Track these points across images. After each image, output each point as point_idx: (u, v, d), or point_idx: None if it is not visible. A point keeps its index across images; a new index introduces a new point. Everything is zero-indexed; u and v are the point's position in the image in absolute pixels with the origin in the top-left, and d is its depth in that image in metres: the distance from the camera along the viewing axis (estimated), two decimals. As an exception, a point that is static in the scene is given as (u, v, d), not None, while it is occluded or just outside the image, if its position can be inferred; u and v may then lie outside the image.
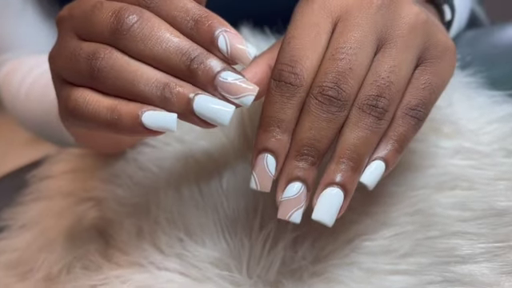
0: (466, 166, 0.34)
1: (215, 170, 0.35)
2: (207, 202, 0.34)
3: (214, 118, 0.25)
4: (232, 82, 0.25)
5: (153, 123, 0.25)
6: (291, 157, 0.26)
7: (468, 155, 0.34)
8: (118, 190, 0.35)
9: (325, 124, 0.26)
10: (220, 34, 0.25)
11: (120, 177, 0.35)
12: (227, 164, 0.35)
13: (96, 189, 0.36)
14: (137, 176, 0.35)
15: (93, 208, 0.35)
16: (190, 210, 0.33)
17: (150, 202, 0.34)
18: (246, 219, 0.33)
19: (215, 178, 0.35)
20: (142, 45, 0.25)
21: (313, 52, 0.26)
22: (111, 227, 0.34)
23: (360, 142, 0.26)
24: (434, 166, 0.34)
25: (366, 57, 0.26)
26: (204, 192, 0.34)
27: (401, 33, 0.27)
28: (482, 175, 0.33)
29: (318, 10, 0.27)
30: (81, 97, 0.25)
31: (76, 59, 0.25)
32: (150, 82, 0.25)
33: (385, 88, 0.26)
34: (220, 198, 0.34)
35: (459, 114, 0.35)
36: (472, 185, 0.33)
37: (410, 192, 0.33)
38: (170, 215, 0.33)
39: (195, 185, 0.34)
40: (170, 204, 0.33)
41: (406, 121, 0.27)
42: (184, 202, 0.34)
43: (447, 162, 0.34)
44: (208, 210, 0.34)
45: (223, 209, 0.34)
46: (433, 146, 0.34)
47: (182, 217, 0.33)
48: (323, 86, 0.26)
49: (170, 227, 0.32)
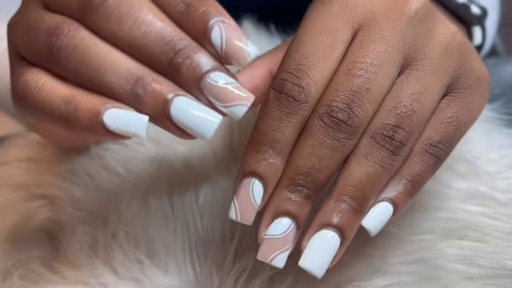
0: (478, 213, 0.29)
1: (192, 180, 0.30)
2: (177, 217, 0.29)
3: (195, 128, 0.20)
4: (223, 86, 0.20)
5: (116, 125, 0.20)
6: (283, 186, 0.22)
7: (482, 201, 0.30)
8: (75, 189, 0.30)
9: (328, 152, 0.21)
10: (215, 25, 0.20)
11: (79, 174, 0.30)
12: (206, 176, 0.31)
13: (51, 185, 0.31)
14: (99, 176, 0.30)
15: (44, 207, 0.31)
16: (156, 225, 0.29)
17: (110, 211, 0.29)
18: (220, 244, 0.29)
19: (190, 190, 0.30)
20: (116, 25, 0.20)
21: (325, 63, 0.22)
22: (62, 233, 0.30)
23: (367, 178, 0.22)
24: (443, 208, 0.29)
25: (388, 77, 0.22)
26: (175, 205, 0.30)
27: (432, 54, 0.22)
28: (495, 226, 0.29)
29: (338, 13, 0.22)
30: (33, 80, 0.20)
31: (35, 33, 0.20)
32: (119, 73, 0.20)
33: (405, 118, 0.22)
34: (193, 215, 0.29)
35: (477, 153, 0.31)
36: (483, 236, 0.29)
37: (412, 236, 0.28)
38: (131, 229, 0.28)
39: (166, 196, 0.30)
40: (132, 215, 0.28)
41: (425, 159, 0.23)
42: (150, 214, 0.29)
43: (458, 206, 0.30)
44: (177, 227, 0.29)
45: (195, 228, 0.29)
46: (444, 186, 0.30)
47: (145, 232, 0.28)
48: (332, 105, 0.21)
49: (130, 244, 0.27)
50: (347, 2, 0.22)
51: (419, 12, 0.22)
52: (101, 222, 0.29)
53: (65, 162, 0.31)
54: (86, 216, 0.29)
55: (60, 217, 0.30)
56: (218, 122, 0.20)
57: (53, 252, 0.30)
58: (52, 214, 0.30)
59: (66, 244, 0.29)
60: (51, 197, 0.31)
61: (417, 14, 0.22)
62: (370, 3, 0.22)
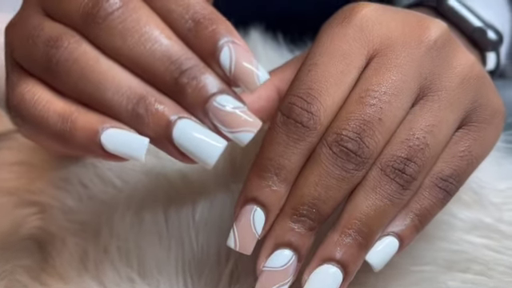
0: (482, 245, 0.29)
1: (189, 196, 0.29)
2: (172, 233, 0.28)
3: (198, 154, 0.19)
4: (230, 110, 0.19)
5: (114, 146, 0.19)
6: (286, 215, 0.21)
7: (487, 233, 0.29)
8: (67, 199, 0.29)
9: (335, 182, 0.20)
10: (225, 45, 0.19)
11: (72, 183, 0.29)
12: (205, 191, 0.30)
13: (43, 192, 0.29)
14: (93, 186, 0.29)
15: (35, 215, 0.29)
16: (150, 240, 0.28)
17: (103, 223, 0.28)
18: (215, 264, 0.27)
19: (187, 206, 0.29)
20: (120, 40, 0.18)
21: (337, 88, 0.21)
22: (52, 243, 0.28)
23: (374, 212, 0.21)
24: (447, 239, 0.29)
25: (402, 107, 0.21)
26: (171, 220, 0.28)
27: (449, 85, 0.21)
28: (499, 260, 0.28)
29: (353, 37, 0.21)
30: (29, 92, 0.19)
31: (33, 42, 0.19)
32: (121, 90, 0.18)
33: (417, 151, 0.21)
34: (188, 232, 0.28)
35: (483, 182, 0.30)
36: (486, 270, 0.28)
37: (414, 266, 0.28)
38: (123, 244, 0.27)
39: (162, 210, 0.28)
40: (126, 230, 0.27)
41: (434, 193, 0.22)
42: (144, 229, 0.28)
43: (462, 237, 0.29)
44: (172, 243, 0.28)
45: (190, 245, 0.28)
46: (448, 215, 0.29)
47: (138, 249, 0.27)
48: (342, 134, 0.20)
49: (121, 261, 0.26)
50: (363, 26, 0.21)
51: (438, 41, 0.21)
52: (92, 235, 0.28)
53: (58, 168, 0.30)
54: (78, 227, 0.28)
55: (50, 226, 0.29)
56: (223, 148, 0.19)
57: (41, 262, 0.28)
58: (42, 222, 0.29)
59: (56, 255, 0.28)
60: (42, 204, 0.29)
61: (436, 42, 0.21)
62: (387, 28, 0.21)
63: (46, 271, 0.28)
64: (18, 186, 0.30)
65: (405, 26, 0.22)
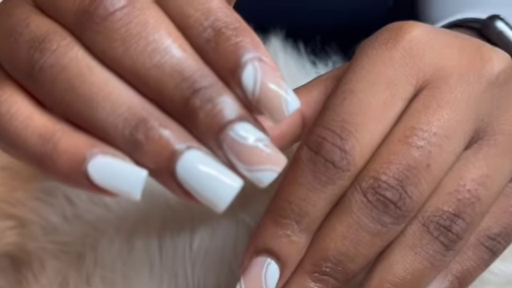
0: (515, 304, 0.25)
1: (188, 222, 0.26)
2: (166, 264, 0.25)
3: (206, 194, 0.15)
4: (250, 144, 0.15)
5: (104, 178, 0.15)
6: (305, 272, 0.18)
7: (522, 291, 0.26)
8: (50, 214, 0.26)
9: (367, 237, 0.17)
10: (249, 62, 0.15)
11: (57, 197, 0.26)
12: (207, 218, 0.26)
13: (23, 205, 0.26)
14: (80, 203, 0.26)
15: (12, 230, 0.26)
16: (140, 271, 0.24)
17: (88, 248, 0.24)
18: (211, 304, 0.24)
19: (185, 233, 0.26)
20: (121, 47, 0.15)
21: (377, 123, 0.17)
22: (29, 264, 0.25)
23: (412, 277, 0.18)
24: (477, 294, 0.25)
25: (454, 152, 0.18)
26: (165, 249, 0.25)
27: (509, 129, 0.18)
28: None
29: (400, 63, 0.18)
30: (5, 102, 0.16)
31: (15, 40, 0.16)
32: (117, 110, 0.15)
33: (467, 205, 0.18)
34: (184, 263, 0.25)
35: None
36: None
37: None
38: (109, 275, 0.24)
39: (156, 237, 0.25)
40: (113, 258, 0.24)
41: (479, 253, 0.19)
42: (134, 258, 0.25)
43: (494, 293, 0.26)
44: (164, 275, 0.25)
45: (185, 279, 0.25)
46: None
47: (125, 280, 0.24)
48: (381, 179, 0.17)
49: (105, 294, 0.23)
50: (413, 50, 0.18)
51: (501, 76, 0.18)
52: (75, 260, 0.24)
53: (42, 179, 0.27)
54: (59, 249, 0.25)
55: (29, 244, 0.26)
56: (238, 189, 0.16)
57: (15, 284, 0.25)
58: (20, 239, 0.26)
59: (32, 279, 0.25)
60: (21, 219, 0.26)
61: (498, 78, 0.18)
62: (441, 56, 0.18)
63: (19, 296, 0.25)
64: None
65: (462, 54, 0.18)
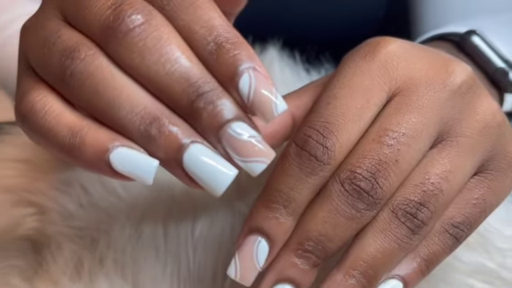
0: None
1: (190, 211, 0.29)
2: (170, 249, 0.28)
3: (207, 180, 0.18)
4: (244, 139, 0.18)
5: (123, 166, 0.18)
6: (290, 249, 0.20)
7: (488, 278, 0.28)
8: (67, 202, 0.28)
9: (344, 221, 0.20)
10: (245, 72, 0.18)
11: (74, 187, 0.29)
12: (207, 208, 0.29)
13: (43, 194, 0.29)
14: (95, 192, 0.28)
15: (33, 216, 0.29)
16: (147, 255, 0.27)
17: (101, 233, 0.27)
18: (211, 284, 0.27)
19: (188, 221, 0.28)
20: (138, 57, 0.18)
21: (354, 125, 0.20)
22: (47, 247, 0.28)
23: (382, 255, 0.20)
24: (447, 281, 0.28)
25: (420, 150, 0.20)
26: (169, 236, 0.28)
27: (469, 132, 0.21)
28: (498, 308, 0.28)
29: (376, 73, 0.21)
30: (40, 101, 0.19)
31: (49, 49, 0.19)
32: (135, 110, 0.18)
33: (431, 196, 0.20)
34: (186, 248, 0.28)
35: (491, 227, 0.30)
36: (485, 316, 0.27)
37: (412, 306, 0.27)
38: (120, 257, 0.26)
39: (161, 224, 0.28)
40: (124, 242, 0.27)
41: (444, 239, 0.22)
42: (142, 243, 0.27)
43: (462, 280, 0.28)
44: (168, 259, 0.27)
45: (187, 262, 0.28)
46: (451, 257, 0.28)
47: (133, 263, 0.26)
48: (356, 172, 0.20)
49: (116, 274, 0.26)
50: (387, 63, 0.21)
51: (463, 85, 0.21)
52: (89, 243, 0.27)
53: (61, 170, 0.29)
54: (75, 233, 0.28)
55: (48, 229, 0.28)
56: (233, 176, 0.19)
57: (35, 265, 0.28)
58: (40, 224, 0.29)
59: (50, 259, 0.27)
60: (41, 206, 0.29)
61: (460, 87, 0.21)
62: (412, 68, 0.21)
63: (39, 275, 0.28)
64: (18, 184, 0.30)
65: (430, 66, 0.21)
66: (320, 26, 0.46)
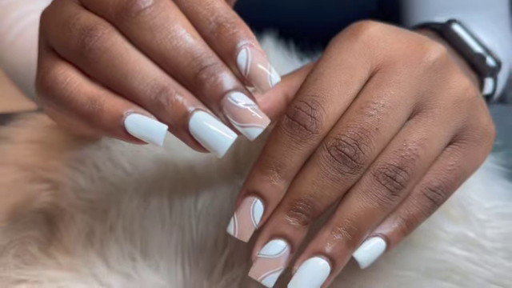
0: (463, 257, 0.30)
1: (193, 186, 0.31)
2: (175, 220, 0.30)
3: (210, 143, 0.21)
4: (241, 106, 0.21)
5: (136, 129, 0.20)
6: (282, 209, 0.23)
7: (469, 247, 0.31)
8: (80, 178, 0.31)
9: (330, 183, 0.22)
10: (243, 48, 0.21)
11: (86, 164, 0.31)
12: (208, 183, 0.31)
13: (57, 171, 0.31)
14: (105, 169, 0.31)
15: (47, 191, 0.31)
16: (154, 224, 0.29)
17: (111, 204, 0.29)
18: (212, 252, 0.29)
19: (191, 195, 0.31)
20: (149, 35, 0.20)
21: (339, 98, 0.23)
22: (61, 219, 0.30)
23: (364, 214, 0.22)
24: (431, 248, 0.30)
25: (398, 120, 0.23)
26: (174, 208, 0.30)
27: (443, 104, 0.23)
28: (478, 273, 0.30)
29: (359, 52, 0.23)
30: (62, 74, 0.21)
31: (69, 29, 0.21)
32: (146, 81, 0.20)
33: (408, 161, 0.22)
34: (190, 220, 0.30)
35: (471, 200, 0.32)
36: (465, 280, 0.30)
37: (397, 271, 0.29)
38: (128, 224, 0.29)
39: (167, 197, 0.30)
40: (132, 212, 0.29)
41: (422, 201, 0.24)
42: (149, 213, 0.30)
43: (445, 248, 0.30)
44: (173, 229, 0.30)
45: (190, 232, 0.30)
46: (435, 227, 0.31)
47: (141, 230, 0.29)
48: (341, 139, 0.22)
49: (126, 240, 0.28)
50: (369, 43, 0.23)
51: (437, 62, 0.23)
52: (100, 214, 0.29)
53: (73, 149, 0.32)
54: (87, 205, 0.30)
55: (61, 203, 0.31)
56: (233, 140, 0.21)
57: (49, 236, 0.30)
58: (54, 198, 0.31)
59: (64, 230, 0.30)
60: (55, 182, 0.31)
61: (434, 63, 0.23)
62: (390, 47, 0.23)
63: (54, 244, 0.30)
64: (33, 162, 0.32)
65: (407, 46, 0.23)
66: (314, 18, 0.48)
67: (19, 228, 0.30)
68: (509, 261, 0.31)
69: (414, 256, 0.30)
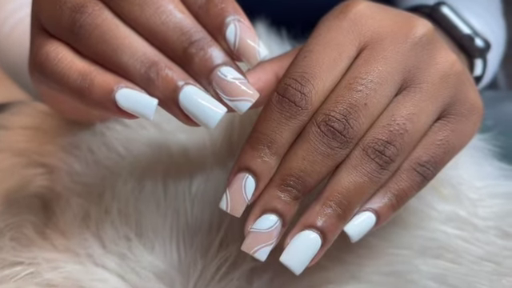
0: (456, 236, 0.31)
1: (187, 169, 0.31)
2: (169, 203, 0.30)
3: (200, 117, 0.21)
4: (231, 80, 0.21)
5: (127, 104, 0.21)
6: (274, 185, 0.23)
7: (461, 225, 0.31)
8: (74, 162, 0.31)
9: (320, 158, 0.22)
10: (231, 22, 0.21)
11: (81, 148, 0.31)
12: (202, 167, 0.32)
13: (51, 155, 0.32)
14: (100, 153, 0.31)
15: (43, 175, 0.32)
16: (148, 207, 0.30)
17: (106, 187, 0.30)
18: (206, 233, 0.30)
19: (185, 178, 0.31)
20: (138, 10, 0.21)
21: (328, 74, 0.23)
22: (57, 202, 0.30)
23: (354, 188, 0.23)
24: (423, 227, 0.31)
25: (386, 96, 0.23)
26: (169, 191, 0.31)
27: (430, 79, 0.24)
28: (470, 251, 0.30)
29: (347, 30, 0.23)
30: (53, 51, 0.21)
31: (60, 7, 0.21)
32: (135, 55, 0.21)
33: (397, 135, 0.23)
34: (184, 203, 0.31)
35: (462, 179, 0.32)
36: (457, 258, 0.30)
37: (390, 249, 0.30)
38: (123, 207, 0.29)
39: (161, 181, 0.31)
40: (127, 194, 0.30)
41: (411, 176, 0.24)
42: (144, 196, 0.30)
43: (437, 226, 0.31)
44: (168, 212, 0.30)
45: (185, 215, 0.30)
46: (427, 206, 0.31)
47: (136, 212, 0.29)
48: (330, 115, 0.22)
49: (121, 221, 0.28)
50: (357, 21, 0.24)
51: (423, 38, 0.24)
52: (96, 197, 0.30)
53: (68, 134, 0.32)
54: (82, 189, 0.30)
55: (57, 186, 0.31)
56: (222, 114, 0.21)
57: (45, 219, 0.31)
58: (49, 182, 0.31)
59: (59, 213, 0.30)
60: (50, 166, 0.32)
61: (421, 39, 0.23)
62: (378, 24, 0.24)
63: (49, 227, 0.30)
64: (28, 148, 0.33)
65: (394, 23, 0.24)
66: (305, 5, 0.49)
67: (15, 212, 0.30)
68: (501, 239, 0.31)
69: (407, 235, 0.30)
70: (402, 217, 0.31)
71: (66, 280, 0.27)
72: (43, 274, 0.27)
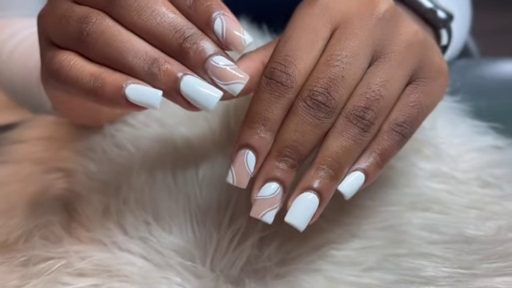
0: (440, 189, 0.34)
1: (193, 158, 0.34)
2: (180, 189, 0.33)
3: (200, 101, 0.24)
4: (223, 67, 0.24)
5: (136, 97, 0.24)
6: (272, 157, 0.26)
7: (444, 180, 0.34)
8: (90, 164, 0.34)
9: (310, 128, 0.25)
10: (217, 17, 0.24)
11: (94, 151, 0.34)
12: (206, 154, 0.35)
13: (67, 160, 0.35)
14: (111, 152, 0.34)
15: (61, 179, 0.34)
16: (162, 194, 0.33)
17: (122, 181, 0.33)
18: (216, 211, 0.33)
19: (191, 167, 0.34)
20: (136, 15, 0.24)
21: (308, 55, 0.26)
22: (77, 201, 0.33)
23: (342, 151, 0.26)
24: (410, 185, 0.34)
25: (360, 67, 0.26)
26: (178, 179, 0.34)
27: (397, 48, 0.27)
28: (455, 201, 0.33)
29: (319, 15, 0.27)
30: (66, 59, 0.25)
31: (66, 21, 0.25)
32: (138, 55, 0.24)
33: (374, 101, 0.26)
34: (193, 188, 0.33)
35: (441, 138, 0.36)
36: (444, 209, 0.33)
37: (382, 207, 0.33)
38: (139, 196, 0.32)
39: (170, 171, 0.34)
40: (141, 185, 0.33)
41: (391, 136, 0.27)
42: (156, 186, 0.33)
43: (423, 183, 0.34)
44: (180, 197, 0.33)
45: (196, 198, 0.33)
46: (411, 166, 0.35)
47: (151, 200, 0.32)
48: (313, 90, 0.25)
49: (138, 209, 0.31)
50: (327, 5, 0.27)
51: (386, 13, 0.27)
52: (113, 191, 0.33)
53: (80, 139, 0.35)
54: (100, 186, 0.33)
55: (76, 187, 0.34)
56: (219, 97, 0.24)
57: (69, 218, 0.33)
58: (68, 185, 0.34)
59: (81, 211, 0.33)
60: (68, 170, 0.35)
61: (384, 15, 0.27)
62: (345, 6, 0.27)
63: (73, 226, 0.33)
64: (45, 156, 0.36)
65: (359, 3, 0.27)
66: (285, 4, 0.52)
67: (40, 214, 0.33)
68: (482, 188, 0.34)
69: (396, 193, 0.33)
70: (391, 178, 0.34)
71: (95, 267, 0.30)
72: (74, 264, 0.30)
